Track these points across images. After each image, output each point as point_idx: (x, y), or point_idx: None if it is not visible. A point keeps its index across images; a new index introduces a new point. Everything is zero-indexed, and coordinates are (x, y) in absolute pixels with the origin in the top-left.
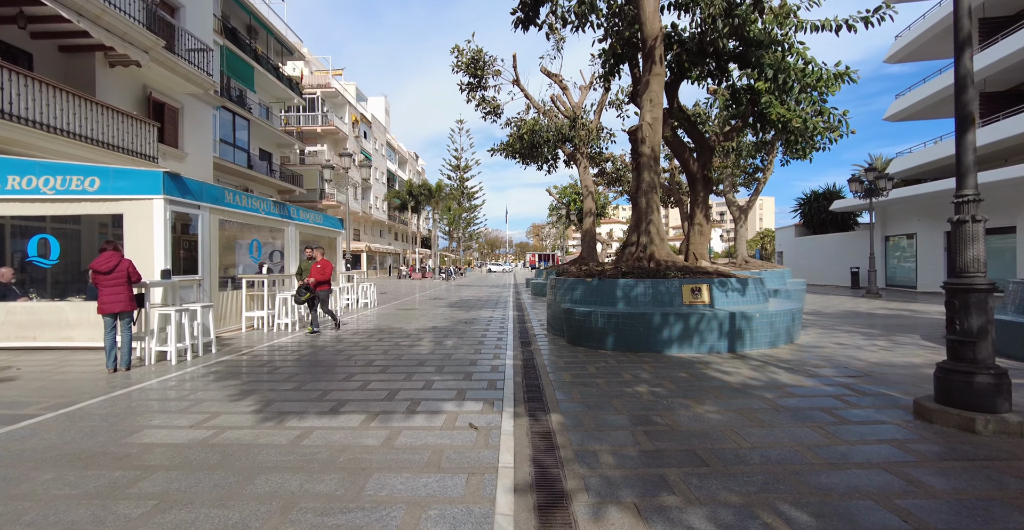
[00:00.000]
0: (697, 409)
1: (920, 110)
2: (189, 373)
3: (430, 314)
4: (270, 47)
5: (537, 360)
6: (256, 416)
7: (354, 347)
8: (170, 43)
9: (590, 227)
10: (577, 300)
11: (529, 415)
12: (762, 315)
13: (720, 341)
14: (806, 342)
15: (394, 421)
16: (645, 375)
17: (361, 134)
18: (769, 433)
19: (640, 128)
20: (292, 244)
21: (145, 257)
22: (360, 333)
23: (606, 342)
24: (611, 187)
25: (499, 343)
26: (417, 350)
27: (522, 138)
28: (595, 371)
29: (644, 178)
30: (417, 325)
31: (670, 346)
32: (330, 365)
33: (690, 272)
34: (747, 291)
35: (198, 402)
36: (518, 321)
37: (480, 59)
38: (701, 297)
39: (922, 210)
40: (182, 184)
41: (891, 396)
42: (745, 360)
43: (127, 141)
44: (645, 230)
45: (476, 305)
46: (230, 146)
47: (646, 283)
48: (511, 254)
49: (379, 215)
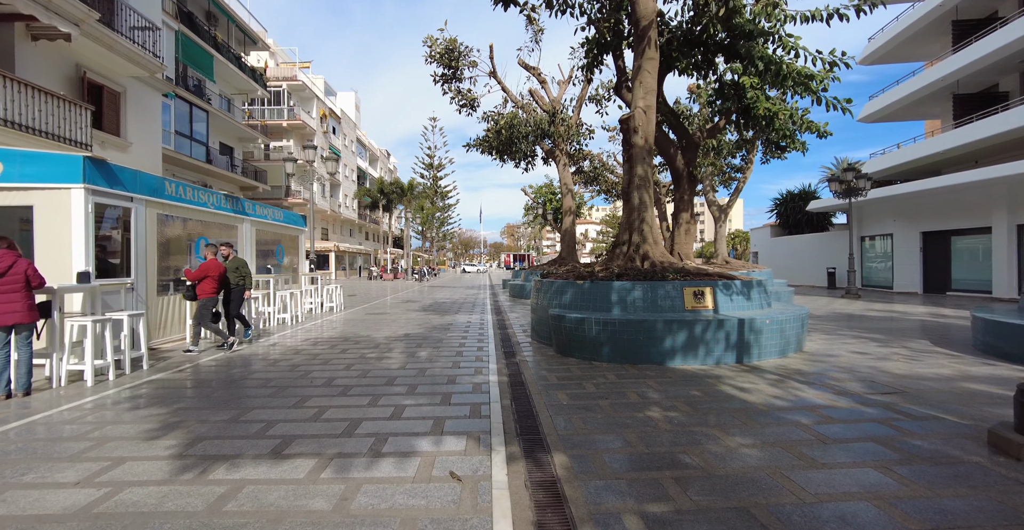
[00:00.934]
0: (728, 442)
1: (894, 112)
2: (106, 398)
3: (402, 319)
4: (231, 35)
5: (525, 375)
6: (173, 464)
7: (312, 361)
8: (108, 18)
9: (570, 226)
10: (567, 305)
11: (526, 456)
12: (773, 322)
13: (728, 351)
14: (816, 350)
15: (353, 469)
16: (653, 394)
17: (330, 129)
18: (829, 478)
19: (632, 117)
20: (248, 243)
21: (61, 257)
22: (322, 343)
23: (601, 353)
24: (588, 186)
25: (480, 354)
26: (386, 364)
27: (499, 133)
28: (594, 390)
29: (637, 172)
30: (387, 332)
31: (673, 357)
32: (281, 385)
33: (688, 274)
34: (751, 295)
35: (101, 443)
36: (498, 326)
37: (455, 49)
38: (704, 301)
39: (898, 211)
40: (109, 172)
41: (948, 421)
42: (758, 373)
43: (53, 125)
44: (638, 228)
45: (452, 308)
46: (187, 139)
47: (644, 286)
48: (485, 254)
49: (349, 214)
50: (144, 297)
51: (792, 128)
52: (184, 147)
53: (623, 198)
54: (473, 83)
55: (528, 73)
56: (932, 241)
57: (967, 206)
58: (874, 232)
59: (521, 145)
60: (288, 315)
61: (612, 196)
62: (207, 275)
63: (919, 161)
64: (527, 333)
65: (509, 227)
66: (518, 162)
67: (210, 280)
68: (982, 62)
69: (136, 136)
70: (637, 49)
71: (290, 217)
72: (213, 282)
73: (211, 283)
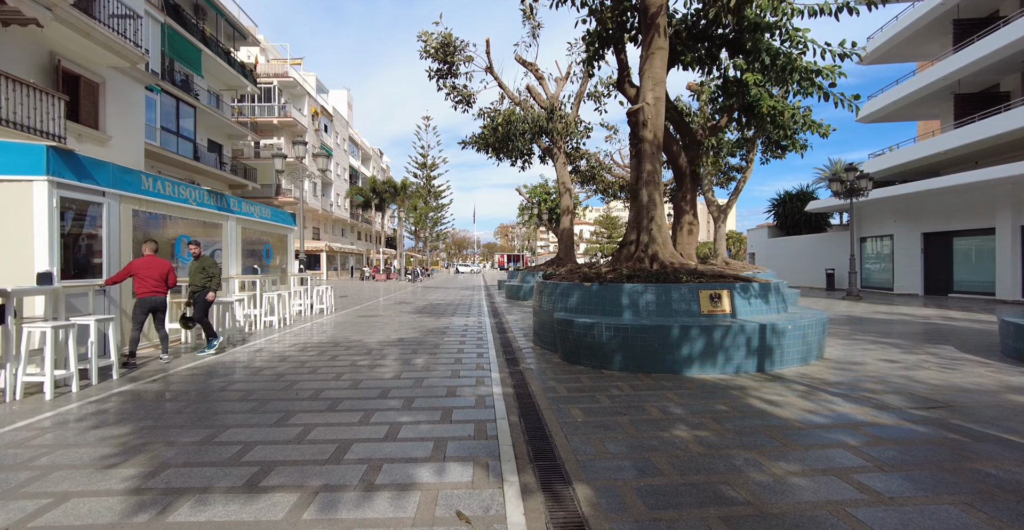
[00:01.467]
0: (772, 469)
1: (892, 112)
2: (65, 415)
3: (396, 322)
4: (220, 30)
5: (532, 386)
6: (127, 501)
7: (299, 369)
8: (85, 3)
9: (568, 226)
10: (573, 308)
11: (543, 488)
12: (795, 327)
13: (748, 359)
14: (838, 357)
15: (342, 507)
16: (676, 409)
17: (321, 127)
18: (903, 518)
19: (641, 109)
20: (233, 242)
21: (22, 257)
22: (310, 348)
23: (612, 361)
24: (585, 186)
25: (480, 361)
26: (379, 373)
27: (496, 130)
28: (610, 404)
29: (646, 167)
30: (380, 337)
31: (690, 365)
32: (263, 398)
33: (701, 275)
34: (769, 298)
35: (46, 473)
36: (497, 330)
37: (450, 44)
38: (721, 305)
39: (899, 212)
40: (77, 164)
41: (1015, 442)
42: (784, 383)
43: (21, 115)
44: (647, 227)
45: (447, 310)
46: (173, 135)
47: (656, 288)
48: (479, 255)
49: (341, 213)
50: (118, 300)
51: (794, 127)
52: (171, 144)
53: (630, 195)
54: (469, 79)
55: (525, 69)
56: (934, 242)
57: (970, 207)
58: (874, 233)
59: (518, 143)
60: (276, 318)
61: (608, 196)
62: (132, 274)
63: (919, 161)
64: (528, 337)
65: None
66: (514, 161)
67: (139, 280)
68: (983, 62)
69: (117, 130)
70: (645, 38)
71: (278, 215)
72: (143, 282)
73: (140, 283)
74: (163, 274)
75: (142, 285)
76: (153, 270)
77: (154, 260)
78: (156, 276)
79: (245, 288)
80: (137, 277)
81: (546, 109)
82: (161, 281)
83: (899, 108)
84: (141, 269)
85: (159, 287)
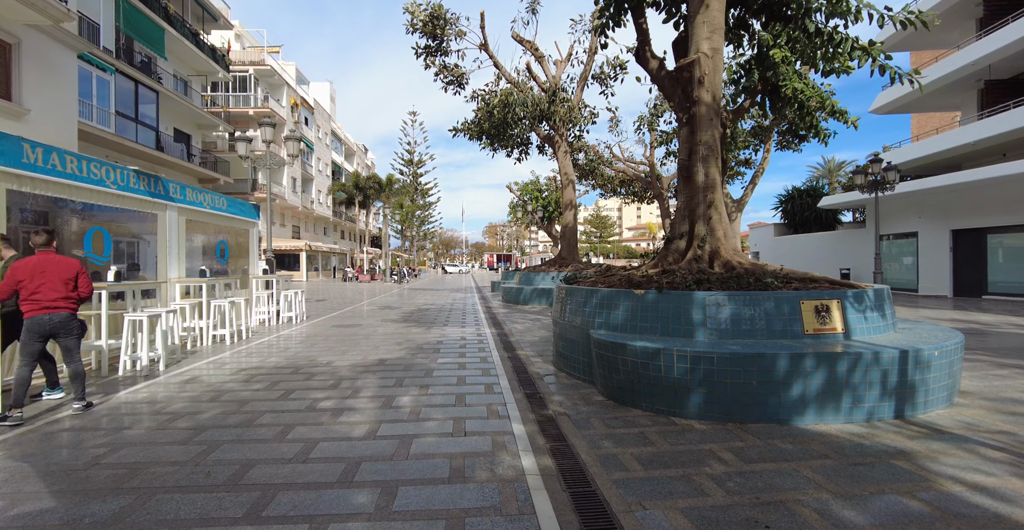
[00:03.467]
0: None
1: (909, 103)
2: None
3: (377, 335)
4: (187, 9)
5: (581, 455)
6: None
7: (229, 418)
8: None
9: (571, 221)
10: (620, 326)
11: None
12: (942, 353)
13: (883, 401)
14: (978, 391)
15: None
16: (836, 506)
17: (302, 120)
18: None
19: (696, 62)
20: (173, 236)
21: None
22: (259, 377)
23: (686, 404)
24: (583, 181)
25: (492, 401)
26: (345, 428)
27: (491, 114)
28: (713, 486)
29: (701, 137)
30: (356, 357)
31: (802, 412)
32: (147, 487)
33: (788, 279)
34: (885, 310)
35: None
36: (503, 346)
37: (440, 17)
38: (831, 321)
39: (923, 207)
40: None
41: None
42: (958, 443)
43: None
44: (704, 215)
45: (439, 318)
46: (131, 121)
47: (741, 299)
48: (467, 254)
49: (323, 210)
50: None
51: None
52: (127, 131)
53: (680, 176)
54: (461, 57)
55: (523, 47)
56: (963, 239)
57: (1007, 201)
58: (895, 230)
59: (515, 129)
60: (227, 331)
61: (608, 192)
62: (18, 282)
63: (943, 154)
64: (545, 358)
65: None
66: (511, 151)
67: (27, 291)
68: (1017, 45)
69: (37, 102)
70: None
71: (237, 206)
72: (33, 293)
73: (29, 295)
74: (67, 279)
75: (32, 300)
76: (51, 275)
77: (50, 259)
78: (56, 283)
79: (191, 294)
80: (24, 288)
81: (547, 91)
82: (65, 289)
83: (917, 98)
84: (30, 275)
85: (60, 300)
